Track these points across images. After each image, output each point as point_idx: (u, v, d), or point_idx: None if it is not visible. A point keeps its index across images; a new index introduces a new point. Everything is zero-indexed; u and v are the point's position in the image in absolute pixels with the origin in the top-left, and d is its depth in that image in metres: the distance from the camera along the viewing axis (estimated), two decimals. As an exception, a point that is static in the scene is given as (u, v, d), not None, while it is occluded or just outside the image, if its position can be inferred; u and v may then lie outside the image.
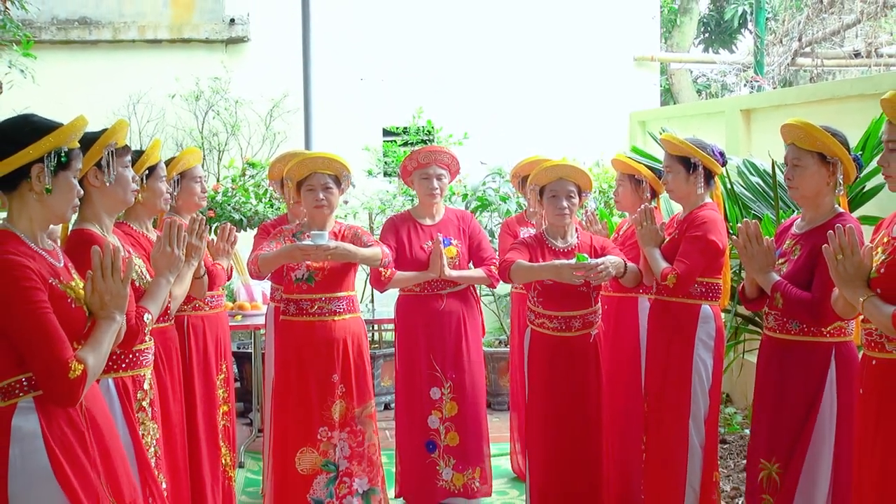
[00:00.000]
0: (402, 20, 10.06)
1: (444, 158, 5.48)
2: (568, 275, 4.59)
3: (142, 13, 9.94)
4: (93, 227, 3.58)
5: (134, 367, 3.68)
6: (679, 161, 4.80)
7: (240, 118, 9.43)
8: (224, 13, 9.98)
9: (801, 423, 3.93)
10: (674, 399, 4.76)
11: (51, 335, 2.79)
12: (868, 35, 10.24)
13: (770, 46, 10.73)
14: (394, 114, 9.69)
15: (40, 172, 2.90)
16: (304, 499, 4.80)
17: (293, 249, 4.71)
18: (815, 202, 3.97)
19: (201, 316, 5.21)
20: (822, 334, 3.91)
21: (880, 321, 3.19)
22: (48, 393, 2.83)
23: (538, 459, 4.96)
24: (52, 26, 9.71)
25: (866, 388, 3.37)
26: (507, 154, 8.55)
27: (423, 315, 5.48)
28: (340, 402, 4.85)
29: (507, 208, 7.94)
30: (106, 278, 2.97)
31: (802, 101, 6.65)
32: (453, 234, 5.53)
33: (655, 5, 10.97)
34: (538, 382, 4.95)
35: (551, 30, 10.28)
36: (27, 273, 2.80)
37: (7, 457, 2.79)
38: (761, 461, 4.08)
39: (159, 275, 3.68)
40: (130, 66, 9.71)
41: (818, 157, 3.89)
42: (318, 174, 4.81)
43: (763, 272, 3.97)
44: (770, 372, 4.09)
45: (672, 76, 15.08)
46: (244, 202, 8.14)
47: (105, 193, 3.59)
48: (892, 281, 3.22)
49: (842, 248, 3.29)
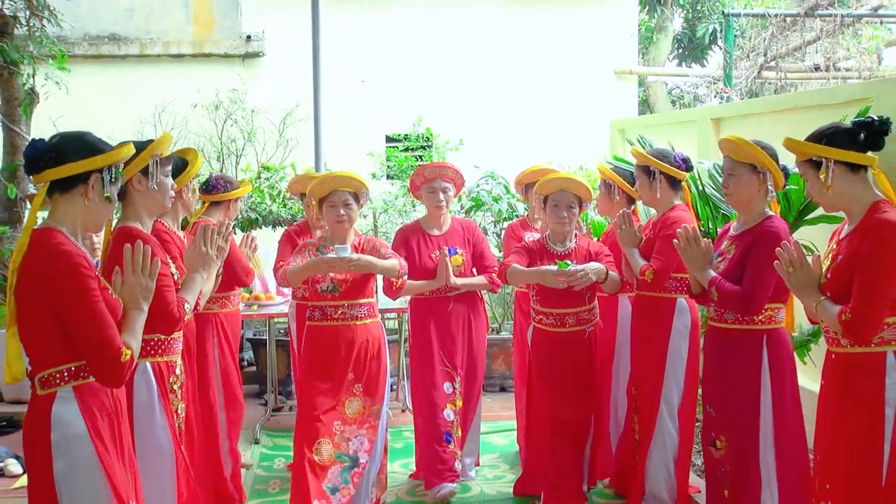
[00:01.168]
0: (404, 37, 10.05)
1: (449, 173, 5.50)
2: (551, 280, 4.68)
3: (166, 30, 9.93)
4: (134, 224, 3.65)
5: (167, 354, 3.77)
6: (642, 170, 4.95)
7: (255, 126, 9.42)
8: (241, 30, 9.97)
9: (742, 400, 4.04)
10: (650, 385, 4.88)
11: (105, 322, 2.87)
12: (827, 51, 10.24)
13: (738, 61, 10.74)
14: (396, 122, 9.69)
15: (96, 181, 2.99)
16: (320, 488, 4.72)
17: (319, 262, 4.71)
18: (748, 207, 4.10)
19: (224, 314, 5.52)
20: (755, 322, 4.03)
21: (830, 321, 3.34)
22: (100, 376, 2.90)
23: (536, 440, 5.07)
24: (84, 42, 9.70)
25: (826, 378, 3.51)
26: (499, 158, 8.60)
27: (434, 316, 5.51)
28: (357, 399, 4.84)
29: (498, 208, 7.94)
30: (136, 273, 3.05)
31: (767, 110, 6.64)
32: (458, 243, 5.57)
33: (634, 23, 10.96)
34: (539, 374, 5.02)
35: (539, 45, 10.28)
36: (83, 262, 2.87)
37: (49, 442, 2.84)
38: (713, 436, 4.22)
39: (193, 271, 3.76)
40: (156, 78, 9.70)
41: (750, 168, 4.03)
42: (339, 192, 4.78)
43: (701, 270, 4.11)
44: (713, 356, 4.22)
45: (649, 88, 15.08)
46: (260, 202, 8.18)
47: (147, 197, 3.67)
48: (837, 285, 3.36)
49: (791, 263, 3.42)
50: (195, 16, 10.01)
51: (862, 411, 3.30)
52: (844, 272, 3.34)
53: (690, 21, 17.26)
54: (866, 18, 10.43)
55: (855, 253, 3.30)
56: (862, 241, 3.30)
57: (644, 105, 14.74)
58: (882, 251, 3.23)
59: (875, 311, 3.22)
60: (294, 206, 8.02)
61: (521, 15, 10.29)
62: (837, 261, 3.39)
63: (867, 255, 3.25)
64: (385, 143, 9.83)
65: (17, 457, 6.16)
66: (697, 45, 17.02)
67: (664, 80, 15.45)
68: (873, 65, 10.18)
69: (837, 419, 3.41)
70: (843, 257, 3.37)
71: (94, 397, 2.94)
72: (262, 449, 6.53)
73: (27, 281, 2.86)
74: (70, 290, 2.83)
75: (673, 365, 4.84)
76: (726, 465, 4.13)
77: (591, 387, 4.98)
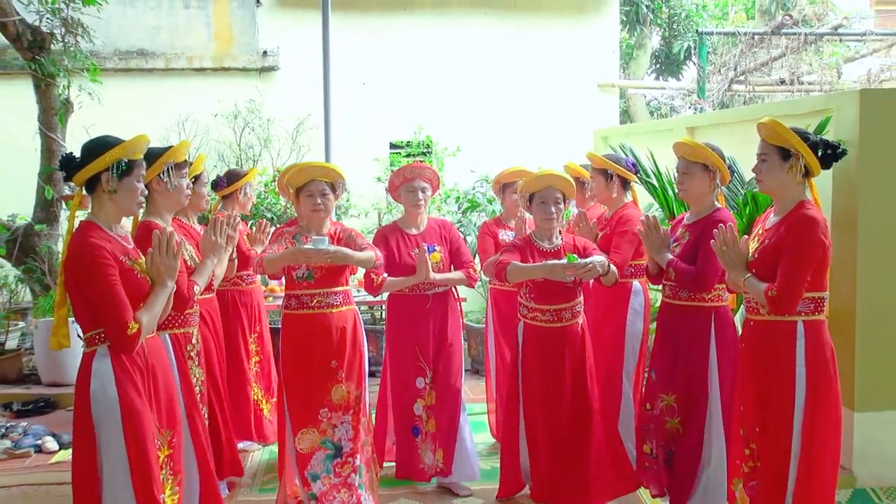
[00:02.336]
0: (407, 53, 10.04)
1: (427, 174, 5.17)
2: (560, 273, 4.41)
3: (190, 46, 9.92)
4: (156, 220, 4.01)
5: (183, 326, 4.20)
6: (599, 172, 5.26)
7: (271, 134, 9.42)
8: (258, 46, 9.96)
9: (693, 365, 4.32)
10: (612, 358, 5.11)
11: (116, 301, 3.16)
12: (791, 66, 10.24)
13: (710, 75, 10.73)
14: (399, 130, 9.69)
15: (108, 178, 3.27)
16: (302, 475, 4.59)
17: (296, 252, 4.45)
18: (699, 201, 4.38)
19: (238, 290, 5.83)
20: (705, 300, 4.32)
21: (756, 295, 3.65)
22: (112, 344, 3.19)
23: (536, 438, 4.71)
24: (114, 56, 9.68)
25: (745, 343, 3.84)
26: (493, 163, 8.57)
27: (411, 313, 5.16)
28: (340, 385, 4.60)
29: (492, 209, 7.97)
30: (162, 254, 3.34)
31: (737, 120, 6.64)
32: (436, 241, 5.22)
33: (615, 40, 10.96)
34: (533, 369, 4.69)
35: (530, 60, 10.28)
36: (103, 252, 3.17)
37: (89, 390, 3.18)
38: (661, 395, 4.48)
39: (206, 257, 4.02)
40: (180, 90, 9.70)
41: (702, 167, 4.30)
42: (316, 181, 4.58)
43: (660, 253, 4.38)
44: (667, 328, 4.49)
45: (629, 100, 15.08)
46: (274, 203, 8.19)
47: (165, 196, 4.04)
48: (763, 264, 3.66)
49: (725, 243, 3.74)
50: (216, 33, 10.00)
51: (777, 370, 3.62)
52: (770, 255, 3.63)
53: (667, 39, 17.25)
54: (827, 37, 10.45)
55: (781, 240, 3.59)
56: (788, 230, 3.58)
57: (625, 115, 14.74)
58: (804, 241, 3.53)
59: (796, 291, 3.54)
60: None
61: (513, 32, 10.29)
62: (765, 244, 3.68)
63: (792, 244, 3.54)
64: (389, 149, 9.84)
65: (54, 434, 6.17)
66: (673, 61, 17.01)
67: (643, 92, 15.46)
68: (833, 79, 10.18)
69: (756, 376, 3.72)
70: (770, 242, 3.65)
71: (127, 356, 3.23)
72: (278, 427, 6.52)
73: (65, 267, 3.23)
74: (88, 276, 3.16)
75: (630, 340, 5.15)
76: (677, 416, 4.41)
77: (589, 379, 4.71)
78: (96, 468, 3.19)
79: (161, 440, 3.40)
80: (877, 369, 4.97)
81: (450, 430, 5.15)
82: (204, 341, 4.61)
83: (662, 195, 5.86)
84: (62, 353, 7.13)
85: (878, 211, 4.95)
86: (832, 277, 4.98)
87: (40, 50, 7.49)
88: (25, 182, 8.03)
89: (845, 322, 5.00)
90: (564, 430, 4.66)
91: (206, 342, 4.68)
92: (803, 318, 3.60)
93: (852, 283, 4.96)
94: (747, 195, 5.28)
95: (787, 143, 3.63)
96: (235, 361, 5.70)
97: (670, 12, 16.81)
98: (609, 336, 5.01)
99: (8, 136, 8.72)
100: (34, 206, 7.85)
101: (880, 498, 4.83)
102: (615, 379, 5.14)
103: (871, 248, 4.94)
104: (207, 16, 10.02)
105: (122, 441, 3.17)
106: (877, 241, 4.95)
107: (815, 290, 3.61)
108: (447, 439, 5.14)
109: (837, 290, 5.03)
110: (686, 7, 16.91)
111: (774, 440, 3.64)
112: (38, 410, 6.88)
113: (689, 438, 4.38)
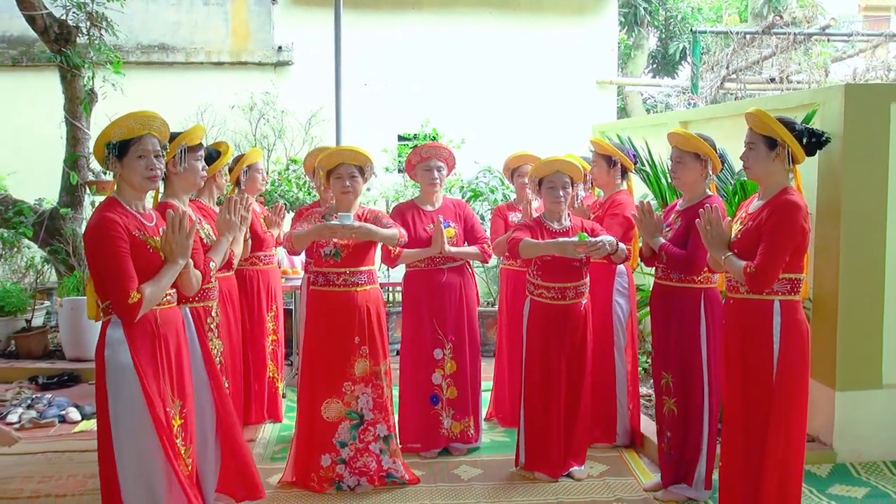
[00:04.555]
0: (415, 50, 10.05)
1: (443, 154, 5.16)
2: (571, 250, 4.49)
3: (208, 41, 9.95)
4: (173, 201, 3.96)
5: (203, 300, 4.11)
6: (603, 158, 5.23)
7: (285, 125, 9.43)
8: (273, 42, 9.98)
9: (685, 343, 4.34)
10: (601, 333, 5.13)
11: (120, 272, 3.16)
12: (781, 65, 10.21)
13: (704, 73, 10.70)
14: (406, 123, 9.71)
15: (110, 160, 3.32)
16: (330, 441, 4.61)
17: (322, 228, 4.47)
18: (691, 188, 4.37)
19: (257, 269, 5.79)
20: (695, 282, 4.31)
21: (736, 272, 3.66)
22: (115, 312, 3.21)
23: (534, 408, 4.77)
24: (137, 50, 9.70)
25: (727, 321, 3.87)
26: (495, 155, 8.57)
27: (426, 287, 5.16)
28: (363, 360, 4.61)
29: (494, 198, 7.98)
30: (174, 233, 3.34)
31: (728, 114, 6.61)
32: (451, 218, 5.22)
33: (614, 39, 10.96)
34: (536, 344, 4.75)
35: (531, 58, 10.28)
36: (114, 226, 3.19)
37: (104, 356, 3.20)
38: (662, 373, 4.49)
39: (221, 235, 4.02)
40: (199, 83, 9.72)
41: (694, 156, 4.29)
42: (346, 165, 4.56)
43: (653, 237, 4.36)
44: (659, 309, 4.49)
45: (626, 98, 15.05)
46: (288, 190, 8.20)
47: (180, 178, 3.99)
48: (744, 245, 3.69)
49: (709, 222, 3.77)
50: (233, 29, 10.02)
51: (755, 345, 3.65)
52: (752, 236, 3.65)
53: (663, 40, 17.22)
54: (816, 37, 10.41)
55: (763, 222, 3.61)
56: (771, 213, 3.60)
57: (622, 112, 14.71)
58: (785, 223, 3.56)
59: (773, 269, 3.55)
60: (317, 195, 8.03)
61: (516, 31, 10.30)
62: (748, 226, 3.70)
63: (773, 226, 3.57)
64: (397, 141, 9.84)
65: (77, 405, 6.21)
66: (669, 61, 16.98)
67: (640, 89, 15.43)
68: (821, 78, 10.14)
69: (735, 350, 3.74)
70: (753, 224, 3.67)
71: (138, 324, 3.23)
72: (289, 402, 6.51)
73: (83, 240, 3.31)
74: (98, 247, 3.18)
75: (617, 316, 5.19)
76: (674, 397, 4.43)
77: (588, 356, 4.81)
78: (111, 434, 3.20)
79: (173, 409, 3.38)
80: (856, 351, 4.98)
81: (475, 398, 5.27)
82: (224, 317, 4.60)
83: (656, 183, 5.87)
84: (85, 330, 7.17)
85: (861, 201, 4.95)
86: (816, 263, 5.02)
87: (66, 42, 7.49)
88: (52, 168, 8.05)
89: (828, 306, 5.01)
90: (559, 404, 4.74)
91: (225, 318, 4.67)
92: (780, 298, 3.63)
93: (835, 269, 4.97)
94: (737, 184, 5.28)
95: (773, 132, 3.65)
96: (252, 338, 5.70)
97: (667, 14, 16.79)
98: (597, 314, 5.02)
99: (36, 124, 8.77)
100: (59, 191, 7.88)
101: (859, 472, 4.85)
102: (608, 353, 5.21)
103: (853, 237, 4.95)
104: (225, 12, 10.04)
105: (134, 405, 3.18)
106: (859, 230, 4.95)
107: (791, 272, 3.63)
108: (476, 406, 5.29)
109: (821, 275, 5.04)
110: (682, 10, 16.89)
111: (750, 414, 3.66)
112: (61, 384, 6.93)
113: (687, 423, 4.40)
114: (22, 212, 7.69)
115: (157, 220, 3.45)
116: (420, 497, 4.59)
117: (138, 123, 3.32)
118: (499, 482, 4.81)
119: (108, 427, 3.20)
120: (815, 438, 5.08)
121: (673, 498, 4.47)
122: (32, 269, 8.52)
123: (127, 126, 3.30)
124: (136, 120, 3.32)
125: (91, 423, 5.86)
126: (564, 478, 4.81)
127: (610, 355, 5.20)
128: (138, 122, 3.32)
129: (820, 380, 4.98)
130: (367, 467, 4.67)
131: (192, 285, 3.55)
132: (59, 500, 4.55)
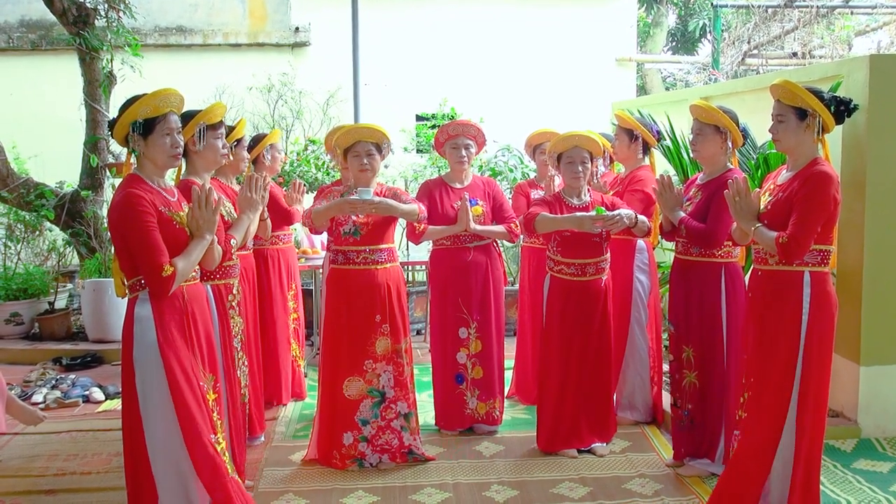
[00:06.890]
0: (432, 29, 10.01)
1: (471, 131, 5.08)
2: (588, 225, 4.44)
3: (226, 23, 9.94)
4: (194, 178, 3.98)
5: (224, 278, 4.12)
6: (625, 132, 5.21)
7: (303, 106, 9.44)
8: (291, 23, 9.96)
9: (706, 318, 4.30)
10: (621, 311, 5.11)
11: (152, 246, 3.16)
12: (803, 39, 10.08)
13: (725, 48, 10.60)
14: (424, 102, 9.67)
15: (130, 138, 3.31)
16: (352, 419, 4.61)
17: (342, 203, 4.45)
18: (712, 161, 4.32)
19: (277, 249, 5.80)
20: (715, 256, 4.28)
21: (766, 243, 3.58)
22: (148, 286, 3.20)
23: (553, 385, 4.76)
24: (155, 33, 9.72)
25: (753, 293, 3.78)
26: (514, 134, 8.53)
27: (453, 265, 5.10)
28: (384, 338, 4.59)
29: (514, 177, 7.94)
30: (201, 208, 3.35)
31: (749, 89, 6.54)
32: (479, 196, 5.14)
33: (633, 16, 10.87)
34: (555, 320, 4.71)
35: (550, 36, 10.21)
36: (141, 202, 3.18)
37: (132, 333, 3.21)
38: (683, 347, 4.45)
39: (242, 213, 4.01)
40: (217, 64, 9.74)
41: (714, 129, 4.24)
42: (363, 142, 4.52)
43: (673, 211, 4.32)
44: (679, 283, 4.44)
45: (645, 76, 14.95)
46: (307, 171, 8.18)
47: (200, 156, 4.02)
48: (774, 216, 3.62)
49: (738, 193, 3.68)
50: (251, 10, 10.01)
51: (784, 317, 3.58)
52: (783, 207, 3.59)
53: (683, 17, 17.06)
54: (839, 10, 10.27)
55: (795, 193, 3.55)
56: (802, 184, 3.54)
57: (641, 90, 14.62)
58: (818, 194, 3.49)
59: (806, 239, 3.48)
60: (337, 174, 8.02)
61: (535, 9, 10.22)
62: (778, 197, 3.63)
63: (805, 196, 3.50)
64: (415, 120, 9.81)
65: (101, 386, 6.25)
66: (689, 39, 16.83)
67: (659, 67, 15.31)
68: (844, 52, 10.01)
69: (761, 324, 3.68)
70: (784, 195, 3.60)
71: (168, 300, 3.24)
72: (309, 381, 6.52)
73: (108, 217, 3.30)
74: (126, 222, 3.16)
75: (638, 293, 5.16)
76: (695, 370, 4.40)
77: (609, 333, 4.78)
78: (139, 412, 3.19)
79: (206, 383, 3.38)
80: (882, 325, 4.92)
81: (500, 379, 5.25)
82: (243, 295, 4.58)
83: (678, 158, 5.83)
84: (107, 312, 7.22)
85: (886, 172, 4.87)
86: (840, 236, 4.96)
87: (85, 25, 7.51)
88: (72, 151, 8.09)
89: (852, 280, 4.94)
90: (579, 380, 4.74)
91: (243, 296, 4.63)
92: (810, 269, 3.57)
93: (860, 242, 4.90)
94: (759, 158, 5.22)
95: (803, 102, 3.58)
96: (272, 317, 5.68)
97: (686, -9, 16.61)
98: (618, 291, 4.98)
99: (56, 108, 8.81)
100: (80, 174, 7.91)
101: (884, 447, 4.80)
102: (624, 329, 5.17)
103: (878, 209, 4.87)
104: (242, -7, 10.03)
105: (163, 383, 3.17)
106: (884, 202, 4.88)
107: (822, 244, 3.58)
108: (501, 387, 5.27)
109: (845, 248, 4.97)
110: (702, -14, 16.71)
111: (776, 386, 3.61)
112: (85, 365, 6.98)
113: (708, 396, 4.37)
114: (43, 195, 7.74)
115: (178, 196, 3.46)
116: (442, 473, 4.59)
117: (163, 102, 3.33)
118: (520, 458, 4.80)
119: (136, 404, 3.19)
120: (840, 413, 5.03)
121: (696, 473, 4.45)
122: (54, 251, 8.59)
123: (153, 105, 3.30)
124: (161, 98, 3.32)
125: (115, 403, 5.91)
126: (586, 453, 4.80)
127: (628, 329, 5.17)
128: (163, 101, 3.33)
129: (844, 354, 4.93)
130: (390, 444, 4.67)
131: (215, 260, 3.57)
132: (84, 477, 4.59)
